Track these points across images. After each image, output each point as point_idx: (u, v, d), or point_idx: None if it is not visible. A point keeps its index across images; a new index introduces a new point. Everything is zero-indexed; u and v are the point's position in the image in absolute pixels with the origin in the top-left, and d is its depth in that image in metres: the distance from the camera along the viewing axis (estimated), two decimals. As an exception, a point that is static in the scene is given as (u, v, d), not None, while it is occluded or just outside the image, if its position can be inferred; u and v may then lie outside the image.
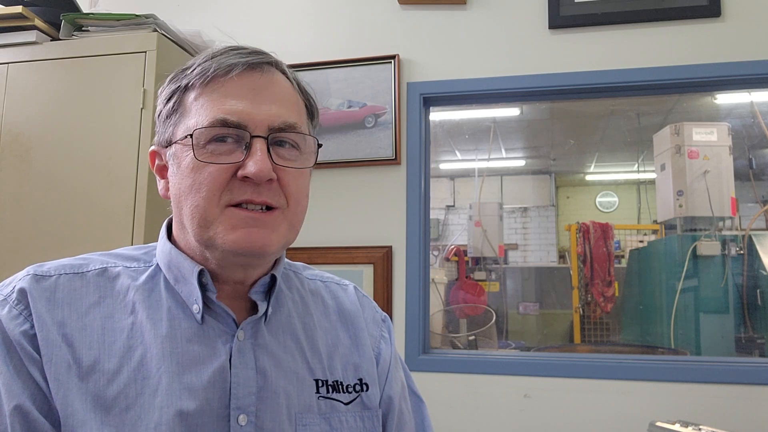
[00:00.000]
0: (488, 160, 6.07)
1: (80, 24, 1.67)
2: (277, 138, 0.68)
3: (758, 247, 2.66)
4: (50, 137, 1.63)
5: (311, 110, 0.77)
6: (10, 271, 0.72)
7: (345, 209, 1.90)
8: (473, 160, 6.06)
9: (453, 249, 4.42)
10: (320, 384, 0.72)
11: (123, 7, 1.76)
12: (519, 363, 1.75)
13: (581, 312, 4.17)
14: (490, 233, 4.53)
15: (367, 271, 1.84)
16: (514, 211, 7.57)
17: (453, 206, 7.50)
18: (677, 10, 1.75)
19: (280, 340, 0.72)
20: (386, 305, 1.81)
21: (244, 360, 0.67)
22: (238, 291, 0.72)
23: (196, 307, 0.67)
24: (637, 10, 1.77)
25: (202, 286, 0.68)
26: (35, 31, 1.67)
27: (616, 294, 4.01)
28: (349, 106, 1.92)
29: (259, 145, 0.65)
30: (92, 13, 1.67)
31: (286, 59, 2.32)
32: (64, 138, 1.61)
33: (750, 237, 2.68)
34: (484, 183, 6.34)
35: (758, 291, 2.60)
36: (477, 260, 4.63)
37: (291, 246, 0.75)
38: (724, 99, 3.67)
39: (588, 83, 1.78)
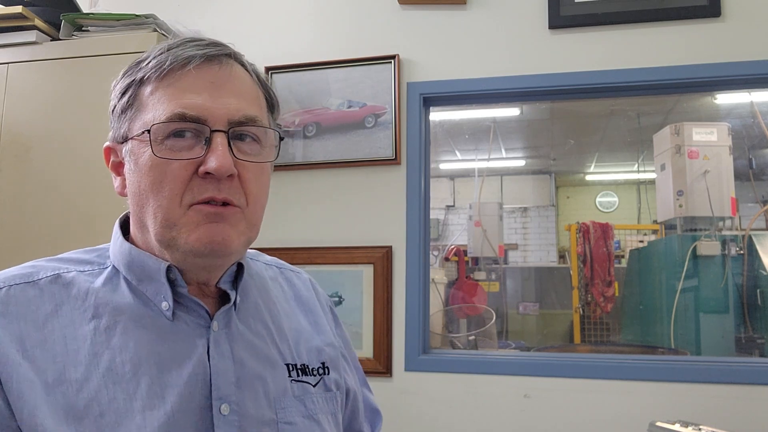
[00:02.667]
0: (488, 160, 6.07)
1: (80, 24, 1.67)
2: (237, 132, 0.66)
3: (758, 247, 2.66)
4: (50, 137, 1.63)
5: (271, 103, 0.75)
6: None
7: (345, 209, 1.90)
8: (473, 160, 6.06)
9: (453, 249, 4.42)
10: (291, 368, 0.73)
11: (123, 7, 1.76)
12: (519, 363, 1.75)
13: (581, 312, 4.16)
14: (490, 233, 4.53)
15: (367, 271, 1.84)
16: (514, 211, 7.57)
17: (453, 206, 7.50)
18: (677, 10, 1.75)
19: (251, 327, 0.73)
20: (386, 305, 1.81)
21: (221, 350, 0.67)
22: (203, 289, 0.71)
23: (166, 304, 0.66)
24: (637, 10, 1.77)
25: (171, 282, 0.67)
26: (35, 31, 1.67)
27: (616, 294, 4.01)
28: (349, 106, 1.92)
29: (219, 140, 0.64)
30: (92, 13, 1.67)
31: (286, 59, 2.32)
32: (64, 138, 1.61)
33: (750, 237, 2.68)
34: (484, 183, 6.34)
35: (758, 291, 2.60)
36: (477, 260, 4.63)
37: (290, 246, 0.75)
38: (724, 99, 3.67)
39: (588, 83, 1.78)
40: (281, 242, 1.89)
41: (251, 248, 0.78)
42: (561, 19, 1.81)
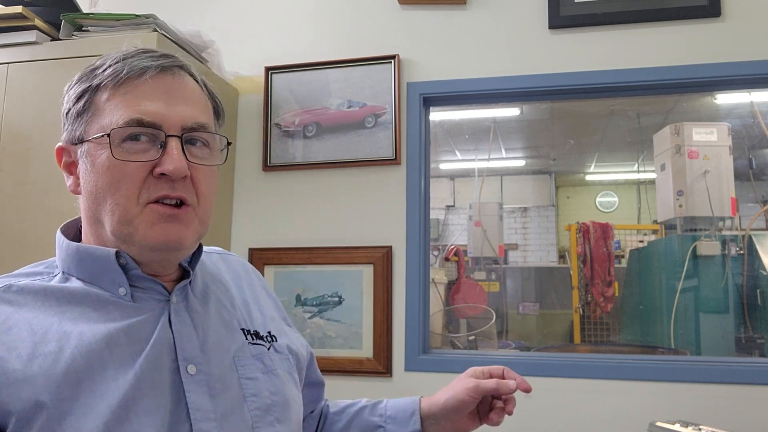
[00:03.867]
0: (488, 160, 6.07)
1: (80, 24, 1.67)
2: (189, 137, 0.72)
3: (758, 247, 2.66)
4: (50, 137, 1.62)
5: (218, 111, 0.80)
6: (9, 271, 0.72)
7: (345, 209, 1.90)
8: (473, 160, 6.06)
9: (453, 249, 4.42)
10: (246, 333, 0.80)
11: (123, 7, 1.76)
12: (519, 363, 1.75)
13: (581, 312, 4.16)
14: (490, 233, 4.54)
15: (367, 271, 1.84)
16: (514, 211, 7.57)
17: (453, 206, 7.50)
18: (677, 10, 1.75)
19: (206, 301, 0.79)
20: (386, 305, 1.81)
21: (181, 318, 0.73)
22: (159, 270, 0.75)
23: (123, 290, 0.70)
24: (637, 10, 1.77)
25: (123, 268, 0.71)
26: (35, 31, 1.67)
27: (616, 294, 4.01)
28: (349, 106, 1.92)
29: (174, 144, 0.69)
30: (92, 13, 1.67)
31: (286, 59, 2.31)
32: (64, 138, 1.61)
33: (750, 237, 2.68)
34: (484, 183, 6.34)
35: (758, 291, 2.60)
36: (477, 260, 4.63)
37: (290, 246, 0.77)
38: (724, 99, 3.67)
39: (588, 83, 1.78)
40: (281, 242, 1.89)
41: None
42: (561, 19, 1.81)
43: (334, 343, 1.84)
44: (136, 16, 1.61)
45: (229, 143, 0.79)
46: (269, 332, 0.84)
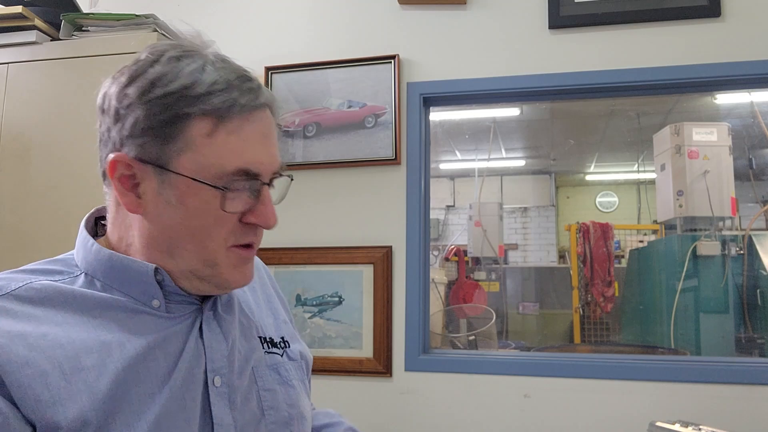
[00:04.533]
0: (488, 160, 6.07)
1: (80, 24, 1.67)
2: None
3: (758, 247, 2.66)
4: (50, 137, 1.63)
5: None
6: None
7: (345, 209, 1.90)
8: (473, 160, 6.07)
9: (453, 249, 4.42)
10: (262, 341, 0.79)
11: (123, 7, 1.76)
12: (519, 363, 1.75)
13: (581, 312, 4.17)
14: (490, 233, 4.54)
15: (367, 271, 1.84)
16: (514, 211, 7.57)
17: (453, 206, 7.50)
18: (677, 10, 1.75)
19: (231, 307, 0.77)
20: (386, 305, 1.81)
21: (212, 328, 0.71)
22: None
23: (157, 302, 0.68)
24: (637, 10, 1.77)
25: (158, 283, 0.68)
26: (35, 31, 1.67)
27: (616, 294, 4.01)
28: (349, 106, 1.92)
29: (268, 194, 0.68)
30: (92, 13, 1.67)
31: (286, 59, 2.31)
32: (64, 138, 1.61)
33: (750, 237, 2.68)
34: (484, 183, 6.34)
35: (758, 291, 2.60)
36: (477, 260, 4.63)
37: (290, 246, 0.78)
38: (724, 99, 3.68)
39: (588, 83, 1.78)
40: (281, 242, 1.89)
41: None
42: (561, 19, 1.81)
43: (334, 343, 1.84)
44: (136, 16, 1.61)
45: (292, 181, 0.76)
46: (282, 337, 0.83)
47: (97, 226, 0.76)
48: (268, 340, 0.79)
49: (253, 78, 0.68)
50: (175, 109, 0.63)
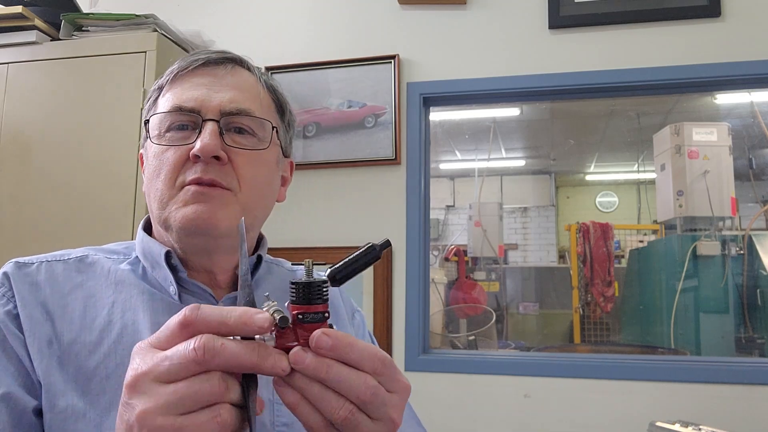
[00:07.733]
0: (488, 160, 6.07)
1: (80, 24, 1.67)
2: (231, 123, 0.69)
3: (758, 247, 2.66)
4: (50, 137, 1.63)
5: (281, 107, 0.77)
6: (10, 271, 0.72)
7: (345, 209, 1.90)
8: (473, 160, 6.07)
9: (453, 249, 4.42)
10: None
11: (123, 7, 1.76)
12: (519, 363, 1.75)
13: (581, 312, 4.17)
14: (490, 233, 4.53)
15: (367, 271, 1.84)
16: (514, 211, 7.57)
17: (453, 206, 7.50)
18: (677, 10, 1.75)
19: None
20: (386, 305, 1.81)
21: None
22: (214, 280, 0.73)
23: (173, 288, 0.69)
24: (637, 10, 1.77)
25: (172, 268, 0.70)
26: (35, 31, 1.67)
27: (616, 294, 4.01)
28: (349, 106, 1.91)
29: (209, 127, 0.67)
30: (92, 13, 1.67)
31: (286, 59, 2.30)
32: (64, 138, 1.61)
33: (750, 237, 2.68)
34: (484, 183, 6.34)
35: (758, 291, 2.60)
36: (477, 260, 4.63)
37: (290, 246, 0.76)
38: (724, 99, 3.67)
39: (588, 83, 1.78)
40: (281, 242, 1.89)
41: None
42: (561, 19, 1.82)
43: (334, 343, 1.84)
44: (136, 16, 1.61)
45: (274, 127, 0.73)
46: None
47: None
48: None
49: (227, 51, 0.75)
50: (151, 92, 0.75)
